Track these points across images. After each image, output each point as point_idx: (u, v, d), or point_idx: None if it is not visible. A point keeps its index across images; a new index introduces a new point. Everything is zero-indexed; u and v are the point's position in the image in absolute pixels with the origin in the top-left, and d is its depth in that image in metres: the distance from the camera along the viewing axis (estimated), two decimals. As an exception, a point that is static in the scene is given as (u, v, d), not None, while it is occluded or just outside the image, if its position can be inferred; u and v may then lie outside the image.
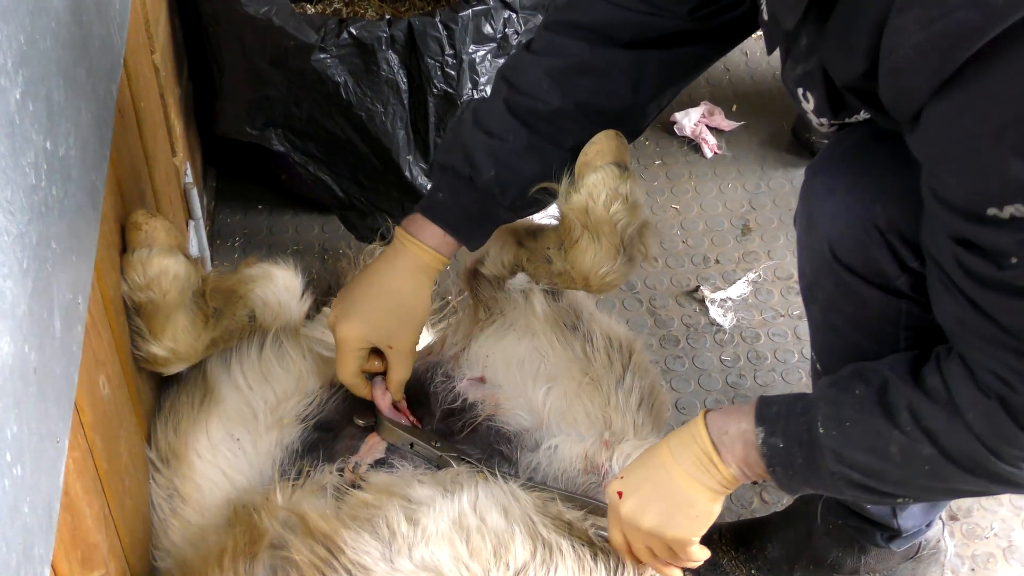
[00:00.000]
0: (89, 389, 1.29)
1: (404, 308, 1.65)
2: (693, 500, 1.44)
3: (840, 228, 1.44)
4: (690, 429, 1.45)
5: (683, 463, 1.44)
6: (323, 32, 2.20)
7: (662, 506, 1.44)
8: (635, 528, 1.47)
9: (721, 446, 1.42)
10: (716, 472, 1.42)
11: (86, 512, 1.26)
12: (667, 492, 1.45)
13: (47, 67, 1.16)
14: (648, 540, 1.48)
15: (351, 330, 1.64)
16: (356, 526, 1.41)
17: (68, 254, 1.19)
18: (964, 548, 2.07)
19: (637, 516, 1.45)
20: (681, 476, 1.44)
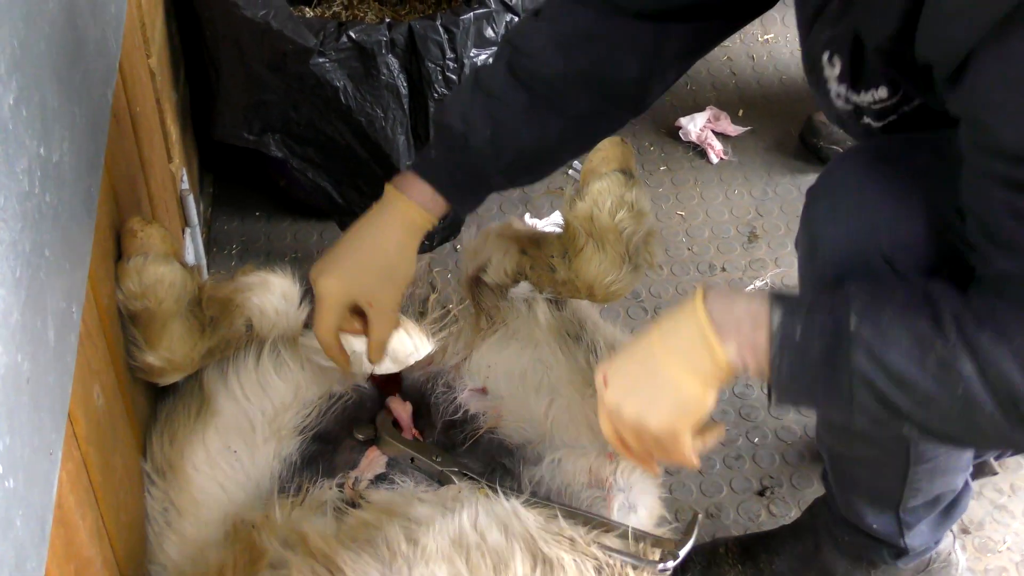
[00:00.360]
0: (83, 400, 1.29)
1: (388, 265, 1.62)
2: (678, 384, 1.32)
3: (844, 256, 1.42)
4: (684, 307, 1.33)
5: (671, 342, 1.32)
6: (322, 36, 2.21)
7: (644, 392, 1.34)
8: (619, 419, 1.37)
9: (721, 325, 1.29)
10: (709, 355, 1.30)
11: (79, 525, 1.26)
12: (651, 378, 1.34)
13: (41, 71, 1.16)
14: (637, 433, 1.38)
15: (331, 285, 1.61)
16: (356, 547, 1.41)
17: (62, 262, 1.19)
18: (977, 562, 2.06)
19: (618, 405, 1.36)
20: (666, 357, 1.32)
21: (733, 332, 1.28)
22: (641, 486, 1.66)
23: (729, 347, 1.29)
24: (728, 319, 1.29)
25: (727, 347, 1.29)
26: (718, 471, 2.21)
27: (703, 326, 1.29)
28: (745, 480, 2.20)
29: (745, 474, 2.21)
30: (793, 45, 3.25)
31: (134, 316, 1.57)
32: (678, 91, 3.11)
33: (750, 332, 1.28)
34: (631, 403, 1.35)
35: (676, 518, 2.07)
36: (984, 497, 2.15)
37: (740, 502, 2.16)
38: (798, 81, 3.15)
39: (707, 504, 2.15)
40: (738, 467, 2.22)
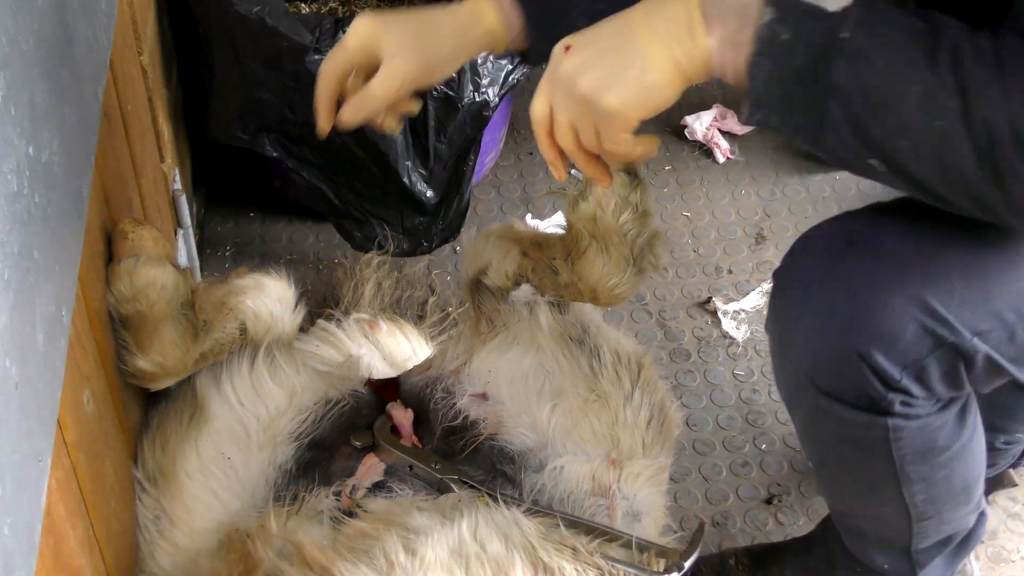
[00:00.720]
0: (73, 405, 1.28)
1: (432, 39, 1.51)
2: (648, 65, 1.26)
3: (817, 353, 1.42)
4: None
5: (653, 19, 1.26)
6: (318, 33, 2.21)
7: (609, 65, 1.27)
8: (568, 90, 1.29)
9: (710, 13, 1.24)
10: (689, 40, 1.24)
11: (69, 534, 1.25)
12: (621, 50, 1.27)
13: (30, 69, 1.16)
14: (577, 112, 1.30)
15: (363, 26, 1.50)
16: (353, 557, 1.41)
17: (51, 264, 1.19)
18: (990, 572, 2.06)
19: (576, 73, 1.27)
20: (644, 33, 1.26)
21: (719, 23, 1.23)
22: (645, 494, 1.66)
23: (712, 38, 1.23)
24: (718, 7, 1.23)
25: (710, 38, 1.24)
26: (724, 478, 2.21)
27: (691, 9, 1.24)
28: (752, 488, 2.20)
29: (752, 481, 2.20)
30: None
31: (125, 320, 1.57)
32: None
33: (736, 27, 1.23)
34: (593, 73, 1.27)
35: (681, 526, 2.07)
36: (997, 506, 2.15)
37: (747, 510, 2.16)
38: (806, 79, 3.14)
39: (713, 512, 2.15)
40: (745, 474, 2.22)
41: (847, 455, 1.56)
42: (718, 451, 2.26)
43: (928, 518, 1.64)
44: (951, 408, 1.50)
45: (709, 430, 2.29)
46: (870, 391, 1.41)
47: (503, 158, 2.88)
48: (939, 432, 1.51)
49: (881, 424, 1.45)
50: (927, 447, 1.51)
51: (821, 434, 1.56)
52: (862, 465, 1.56)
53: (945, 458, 1.54)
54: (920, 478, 1.56)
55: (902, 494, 1.58)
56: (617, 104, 1.27)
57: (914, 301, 1.35)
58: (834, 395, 1.45)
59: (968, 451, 1.57)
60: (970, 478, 1.63)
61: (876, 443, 1.49)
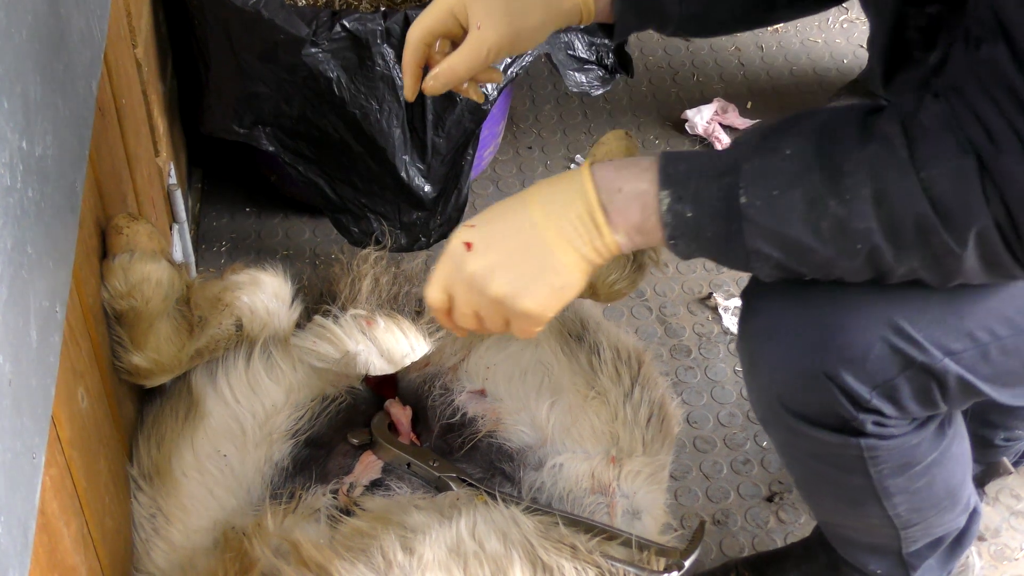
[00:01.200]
0: (67, 402, 1.29)
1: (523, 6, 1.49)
2: (560, 267, 1.29)
3: (786, 377, 1.42)
4: (571, 181, 1.29)
5: (557, 219, 1.28)
6: (315, 25, 2.20)
7: (522, 271, 1.29)
8: (478, 290, 1.31)
9: (610, 206, 1.27)
10: (598, 238, 1.28)
11: (64, 532, 1.26)
12: (530, 252, 1.29)
13: (23, 62, 1.16)
14: (485, 306, 1.33)
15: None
16: (351, 556, 1.41)
17: (45, 260, 1.19)
18: (993, 570, 2.06)
19: (487, 275, 1.30)
20: (551, 233, 1.28)
21: (622, 216, 1.27)
22: (645, 492, 1.66)
23: (618, 232, 1.27)
24: (617, 200, 1.26)
25: (616, 232, 1.27)
26: (725, 476, 2.21)
27: (592, 206, 1.27)
28: (753, 486, 2.20)
29: (753, 479, 2.21)
30: (803, 35, 3.25)
31: (120, 316, 1.57)
32: (684, 83, 3.11)
33: (638, 217, 1.26)
34: (505, 277, 1.29)
35: (682, 524, 2.07)
36: (1000, 503, 2.15)
37: (748, 508, 2.16)
38: (809, 72, 3.15)
39: (714, 510, 2.15)
40: (746, 472, 2.22)
41: (825, 473, 1.55)
42: (719, 448, 2.26)
43: (914, 525, 1.64)
44: (928, 426, 1.49)
45: (710, 427, 2.29)
46: (841, 411, 1.40)
47: (502, 152, 2.88)
48: (917, 448, 1.50)
49: (854, 444, 1.44)
50: (904, 462, 1.51)
51: (797, 454, 1.56)
52: (840, 482, 1.55)
53: (923, 468, 1.53)
54: (900, 491, 1.55)
55: (884, 507, 1.57)
56: (534, 308, 1.30)
57: (881, 321, 1.34)
58: (805, 417, 1.44)
59: (948, 458, 1.56)
60: (953, 483, 1.62)
61: (852, 462, 1.48)
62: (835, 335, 1.36)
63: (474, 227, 1.31)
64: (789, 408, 1.44)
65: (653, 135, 2.94)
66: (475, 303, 1.33)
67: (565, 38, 2.46)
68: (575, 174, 1.29)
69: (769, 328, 1.43)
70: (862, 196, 1.18)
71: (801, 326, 1.39)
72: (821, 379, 1.38)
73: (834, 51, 3.22)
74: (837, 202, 1.19)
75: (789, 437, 1.51)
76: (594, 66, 2.53)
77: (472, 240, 1.31)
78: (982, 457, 2.08)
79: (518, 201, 1.31)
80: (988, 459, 2.06)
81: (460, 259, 1.32)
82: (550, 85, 3.10)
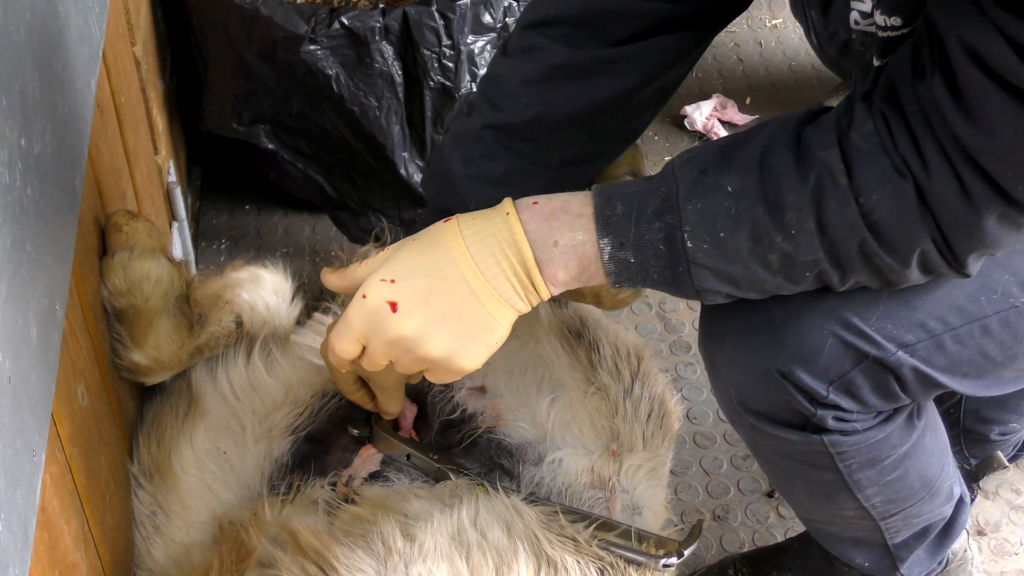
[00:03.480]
0: (67, 400, 1.29)
1: None
2: (496, 326, 1.27)
3: (742, 377, 1.43)
4: (500, 229, 1.25)
5: (490, 277, 1.25)
6: (313, 22, 2.20)
7: (458, 332, 1.26)
8: (404, 351, 1.28)
9: (546, 260, 1.25)
10: (533, 294, 1.27)
11: (64, 530, 1.26)
12: (465, 314, 1.26)
13: (21, 60, 1.16)
14: (408, 361, 1.30)
15: None
16: (349, 542, 1.41)
17: (44, 257, 1.19)
18: (992, 565, 2.06)
19: (419, 342, 1.26)
20: (486, 295, 1.25)
21: (561, 271, 1.25)
22: (645, 487, 1.66)
23: (555, 286, 1.26)
24: (553, 255, 1.25)
25: (553, 286, 1.26)
26: (725, 472, 2.21)
27: (528, 264, 1.25)
28: (753, 481, 2.20)
29: (753, 475, 2.21)
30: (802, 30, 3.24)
31: (119, 313, 1.57)
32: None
33: (577, 268, 1.25)
34: (440, 342, 1.26)
35: (682, 520, 2.07)
36: (1000, 498, 2.16)
37: (748, 504, 2.16)
38: (808, 68, 3.15)
39: (714, 506, 2.15)
40: (746, 467, 2.22)
41: (794, 470, 1.56)
42: (719, 444, 2.26)
43: (892, 515, 1.64)
44: (895, 419, 1.49)
45: (710, 423, 2.30)
46: (799, 408, 1.41)
47: (501, 149, 2.88)
48: (884, 442, 1.50)
49: (817, 441, 1.45)
50: (872, 456, 1.51)
51: (765, 452, 1.57)
52: (811, 478, 1.55)
53: (894, 462, 1.54)
54: (871, 483, 1.55)
55: (858, 499, 1.58)
56: (471, 365, 1.29)
57: (831, 316, 1.34)
58: (765, 416, 1.45)
59: (920, 449, 1.56)
60: (929, 474, 1.62)
61: (819, 458, 1.49)
62: (786, 333, 1.37)
63: (394, 283, 1.25)
64: (749, 408, 1.45)
65: (652, 131, 2.94)
66: (396, 357, 1.30)
67: (564, 34, 2.46)
68: (502, 222, 1.25)
69: (723, 330, 1.43)
70: (807, 230, 1.19)
71: (752, 326, 1.39)
72: (775, 377, 1.38)
73: (833, 46, 3.22)
74: (783, 237, 1.20)
75: (754, 436, 1.51)
76: (593, 62, 2.53)
77: (397, 300, 1.25)
78: (979, 452, 2.09)
79: (440, 251, 1.26)
80: (985, 453, 2.07)
81: (384, 320, 1.26)
82: (549, 81, 3.10)
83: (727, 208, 1.21)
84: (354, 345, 1.31)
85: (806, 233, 1.19)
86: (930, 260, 1.21)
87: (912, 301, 1.35)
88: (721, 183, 1.21)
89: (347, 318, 1.30)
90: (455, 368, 1.30)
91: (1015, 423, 2.03)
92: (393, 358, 1.31)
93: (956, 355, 1.38)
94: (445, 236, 1.27)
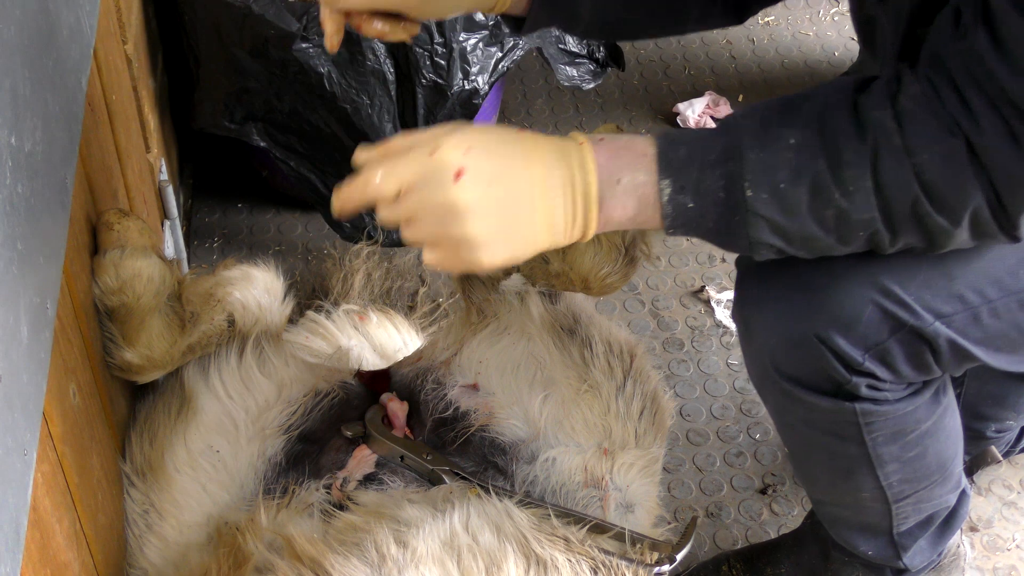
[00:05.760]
0: (58, 398, 1.28)
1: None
2: (532, 241, 1.26)
3: (779, 341, 1.44)
4: (574, 156, 1.25)
5: (552, 196, 1.24)
6: (305, 20, 2.20)
7: (502, 226, 1.24)
8: (441, 218, 1.22)
9: (607, 197, 1.24)
10: (581, 224, 1.26)
11: (56, 529, 1.26)
12: (517, 214, 1.24)
13: (12, 58, 1.15)
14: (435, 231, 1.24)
15: None
16: (344, 550, 1.41)
17: (35, 256, 1.19)
18: (985, 561, 2.07)
19: (462, 215, 1.22)
20: (542, 210, 1.24)
21: (617, 210, 1.25)
22: (638, 484, 1.66)
23: (606, 224, 1.26)
24: (615, 192, 1.24)
25: (605, 224, 1.26)
26: (718, 469, 2.22)
27: (590, 197, 1.24)
28: (746, 478, 2.20)
29: (746, 472, 2.21)
30: (795, 28, 3.25)
31: (111, 312, 1.57)
32: (676, 76, 3.11)
33: (634, 211, 1.25)
34: (480, 225, 1.22)
35: (675, 517, 2.08)
36: (992, 494, 2.16)
37: (741, 500, 2.17)
38: (800, 65, 3.15)
39: (707, 503, 2.16)
40: (739, 464, 2.22)
41: (819, 442, 1.57)
42: (712, 441, 2.26)
43: (905, 498, 1.65)
44: (924, 392, 1.51)
45: (703, 420, 2.30)
46: (834, 375, 1.42)
47: (494, 147, 2.88)
48: (911, 416, 1.51)
49: (849, 409, 1.46)
50: (898, 429, 1.52)
51: (792, 421, 1.57)
52: (835, 451, 1.56)
53: (916, 437, 1.55)
54: (893, 459, 1.57)
55: (877, 476, 1.59)
56: (487, 263, 1.26)
57: (871, 284, 1.36)
58: (799, 381, 1.46)
59: (941, 429, 1.58)
60: (946, 456, 1.64)
61: (846, 428, 1.50)
62: (825, 299, 1.38)
63: (470, 151, 1.21)
64: (782, 372, 1.46)
65: (645, 128, 2.94)
66: (425, 219, 1.24)
67: (556, 32, 2.46)
68: (575, 149, 1.24)
69: (761, 294, 1.45)
70: (864, 188, 1.20)
71: (792, 291, 1.41)
72: (812, 341, 1.40)
73: (825, 44, 3.22)
74: (840, 193, 1.21)
75: (784, 403, 1.52)
76: (585, 60, 2.53)
77: (465, 168, 1.21)
78: (973, 449, 2.09)
79: (522, 149, 1.24)
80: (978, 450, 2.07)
81: (442, 182, 1.21)
82: (542, 79, 3.10)
83: (789, 160, 1.21)
84: (393, 188, 1.24)
85: (863, 192, 1.20)
86: (982, 220, 1.21)
87: (952, 271, 1.37)
88: (784, 136, 1.22)
89: (402, 162, 1.24)
90: (474, 257, 1.25)
91: (1011, 420, 2.04)
92: (420, 218, 1.24)
93: (992, 328, 1.40)
94: (524, 138, 1.25)
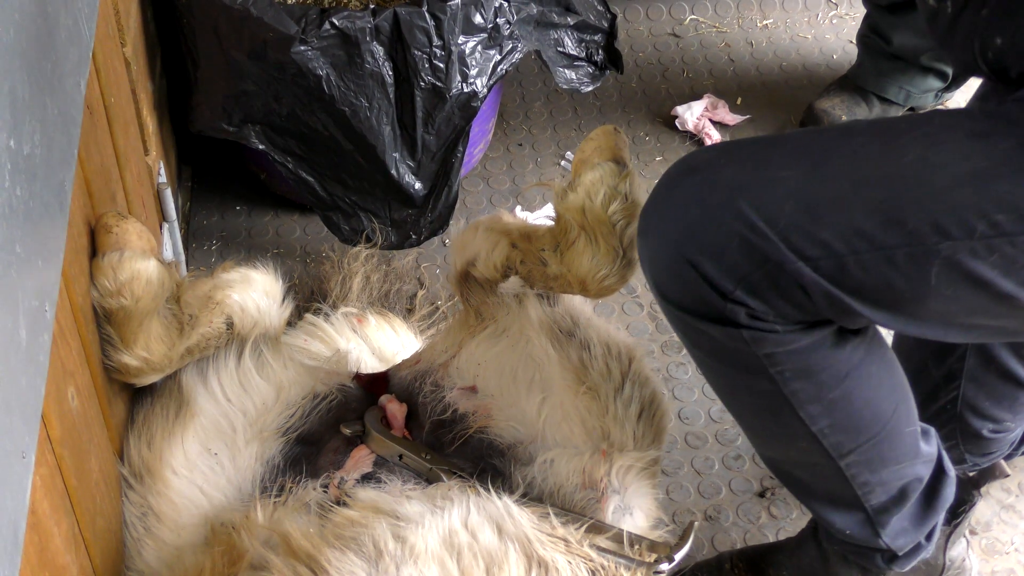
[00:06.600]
0: (57, 401, 1.28)
1: None
2: None
3: (659, 268, 1.48)
4: None
5: None
6: (304, 23, 2.20)
7: None
8: None
9: None
10: None
11: (54, 532, 1.26)
12: None
13: (10, 61, 1.15)
14: None
15: None
16: (341, 545, 1.41)
17: (34, 258, 1.19)
18: (984, 564, 2.07)
19: None
20: None
21: None
22: (636, 487, 1.66)
23: None
24: None
25: None
26: (717, 472, 2.22)
27: None
28: (745, 481, 2.20)
29: (745, 475, 2.21)
30: (793, 31, 3.25)
31: (110, 314, 1.57)
32: (674, 79, 3.11)
33: None
34: None
35: (674, 520, 2.08)
36: (991, 497, 2.16)
37: (740, 504, 2.17)
38: (798, 68, 3.15)
39: (706, 506, 2.16)
40: (737, 467, 2.23)
41: (732, 377, 1.57)
42: (710, 444, 2.26)
43: (848, 453, 1.63)
44: (821, 329, 1.50)
45: (701, 423, 2.30)
46: (710, 300, 1.44)
47: (492, 149, 2.88)
48: (812, 352, 1.51)
49: (737, 336, 1.47)
50: (803, 364, 1.52)
51: (700, 356, 1.58)
52: (750, 386, 1.56)
53: (831, 377, 1.54)
54: (811, 399, 1.56)
55: (801, 418, 1.57)
56: None
57: (740, 217, 1.39)
58: (681, 306, 1.48)
59: (864, 376, 1.57)
60: (879, 408, 1.61)
61: (748, 359, 1.50)
62: (696, 226, 1.43)
63: None
64: (667, 297, 1.49)
65: (643, 131, 2.94)
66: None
67: (555, 35, 2.46)
68: None
69: (645, 225, 1.50)
70: None
71: (669, 220, 1.46)
72: (686, 266, 1.43)
73: (823, 47, 3.23)
74: None
75: (683, 332, 1.55)
76: (584, 63, 2.53)
77: None
78: (975, 449, 2.09)
79: None
80: (982, 451, 2.07)
81: None
82: (540, 82, 3.10)
83: None
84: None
85: None
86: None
87: (822, 219, 1.39)
88: None
89: None
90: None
91: (1010, 422, 2.04)
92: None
93: (861, 280, 1.41)
94: None
